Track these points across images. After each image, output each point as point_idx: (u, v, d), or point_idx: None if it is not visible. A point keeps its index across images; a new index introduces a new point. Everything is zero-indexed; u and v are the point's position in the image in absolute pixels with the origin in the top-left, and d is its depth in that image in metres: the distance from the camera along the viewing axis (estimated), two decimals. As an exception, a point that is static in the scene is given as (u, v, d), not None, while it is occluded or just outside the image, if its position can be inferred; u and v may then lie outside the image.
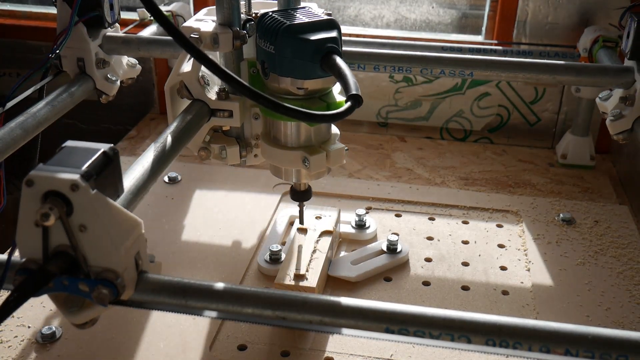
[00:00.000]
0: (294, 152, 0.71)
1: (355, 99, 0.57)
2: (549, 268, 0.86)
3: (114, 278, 0.47)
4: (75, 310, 0.49)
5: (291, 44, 0.64)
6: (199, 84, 0.73)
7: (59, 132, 0.98)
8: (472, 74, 0.85)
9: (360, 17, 1.27)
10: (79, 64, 0.89)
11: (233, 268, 0.85)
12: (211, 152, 0.77)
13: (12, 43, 1.29)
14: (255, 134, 0.79)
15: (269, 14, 0.67)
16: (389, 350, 0.72)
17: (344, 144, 0.73)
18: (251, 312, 0.49)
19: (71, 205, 0.45)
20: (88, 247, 0.47)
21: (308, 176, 0.74)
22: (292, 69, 0.65)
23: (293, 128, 0.71)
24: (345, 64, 0.62)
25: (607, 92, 0.88)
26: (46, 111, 0.80)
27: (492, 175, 1.12)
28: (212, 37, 0.70)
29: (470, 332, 0.47)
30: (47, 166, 0.46)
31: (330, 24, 0.66)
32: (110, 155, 0.48)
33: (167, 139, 0.65)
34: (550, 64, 0.85)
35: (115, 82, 0.92)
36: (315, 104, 0.68)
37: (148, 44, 0.93)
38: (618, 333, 0.46)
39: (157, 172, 0.61)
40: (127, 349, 0.72)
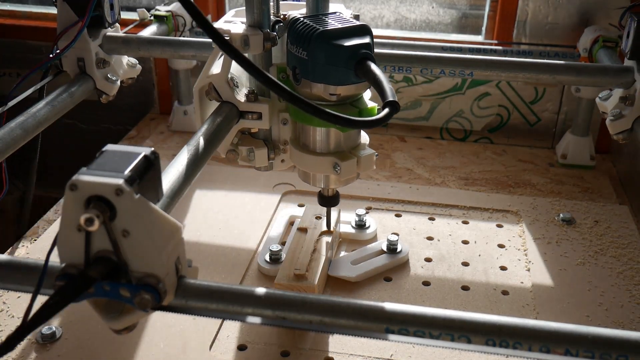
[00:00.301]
0: (325, 157, 0.71)
1: (392, 106, 0.57)
2: (549, 268, 0.86)
3: (156, 283, 0.47)
4: (115, 315, 0.49)
5: (325, 50, 0.63)
6: (228, 86, 0.73)
7: (59, 132, 0.98)
8: (472, 74, 0.85)
9: (360, 17, 1.27)
10: (79, 64, 0.89)
11: (233, 268, 0.85)
12: (239, 154, 0.77)
13: (12, 43, 1.29)
14: (283, 139, 0.78)
15: (300, 19, 0.67)
16: (389, 350, 0.72)
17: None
18: (251, 312, 0.49)
19: (115, 210, 0.45)
20: (130, 252, 0.46)
21: (337, 182, 0.74)
22: (326, 75, 0.65)
23: (323, 134, 0.71)
24: (380, 70, 0.61)
25: (607, 92, 0.88)
26: (46, 111, 0.80)
27: (492, 175, 1.12)
28: (242, 38, 0.70)
29: (470, 332, 0.47)
30: (89, 170, 0.45)
31: (363, 30, 0.65)
32: (151, 159, 0.47)
33: (200, 141, 0.65)
34: (550, 63, 0.85)
35: (115, 82, 0.92)
36: (347, 110, 0.68)
37: (148, 43, 0.93)
38: (618, 333, 0.46)
39: (191, 175, 0.61)
40: (127, 349, 0.72)
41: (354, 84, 0.65)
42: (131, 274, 0.47)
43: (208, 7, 1.24)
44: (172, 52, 0.93)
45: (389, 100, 0.57)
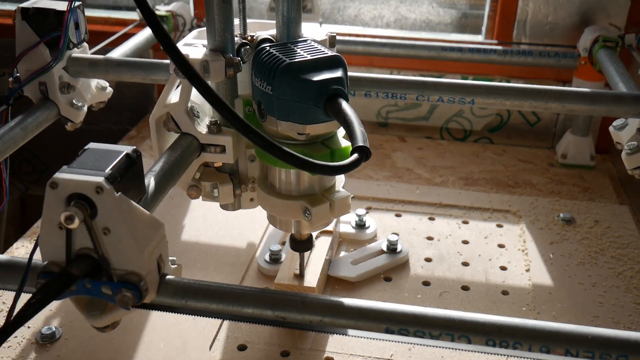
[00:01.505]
0: (294, 201, 0.64)
1: (362, 151, 0.51)
2: (549, 268, 0.86)
3: (137, 281, 0.47)
4: (97, 313, 0.49)
5: (291, 85, 0.57)
6: (187, 117, 0.65)
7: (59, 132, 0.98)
8: (473, 102, 0.79)
9: (360, 17, 1.27)
10: (40, 88, 0.80)
11: (233, 268, 0.85)
12: (202, 190, 0.69)
13: (12, 43, 1.29)
14: (252, 177, 0.70)
15: (265, 49, 0.60)
16: (389, 350, 0.72)
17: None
18: (251, 312, 0.49)
19: (95, 208, 0.45)
20: (111, 250, 0.47)
21: (310, 227, 0.68)
22: (292, 113, 0.58)
23: (293, 175, 0.64)
24: (351, 109, 0.55)
25: (622, 121, 0.80)
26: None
27: (492, 175, 1.12)
28: (202, 64, 0.62)
29: (470, 332, 0.47)
30: (71, 168, 0.45)
31: (335, 62, 0.58)
32: (133, 158, 0.48)
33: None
34: (560, 91, 0.78)
35: (81, 107, 0.83)
36: (318, 151, 0.61)
37: (117, 66, 0.84)
38: (618, 333, 0.46)
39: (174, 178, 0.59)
40: (127, 349, 0.72)
41: (324, 122, 0.58)
42: (113, 271, 0.47)
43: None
44: (143, 75, 0.84)
45: (359, 145, 0.51)
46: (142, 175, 0.49)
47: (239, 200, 0.72)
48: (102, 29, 1.24)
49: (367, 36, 1.20)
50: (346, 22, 1.27)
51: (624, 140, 0.78)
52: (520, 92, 0.78)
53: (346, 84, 0.58)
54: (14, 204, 1.35)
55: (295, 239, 0.70)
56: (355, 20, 1.27)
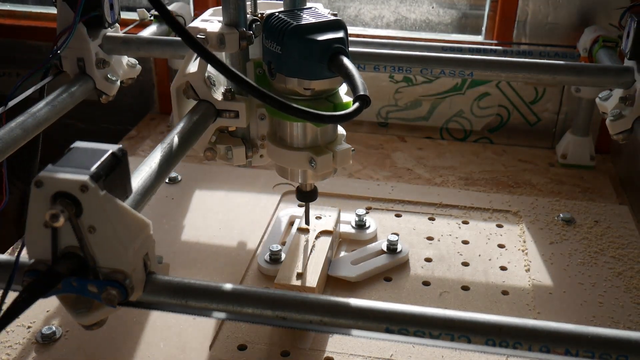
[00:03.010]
0: (301, 152, 0.71)
1: (363, 100, 0.57)
2: (549, 268, 0.86)
3: (123, 279, 0.47)
4: (83, 311, 0.49)
5: (298, 44, 0.64)
6: (205, 85, 0.73)
7: (59, 132, 0.98)
8: (472, 74, 0.85)
9: (360, 17, 1.27)
10: (79, 64, 0.89)
11: (233, 268, 0.85)
12: (217, 152, 0.77)
13: (12, 43, 1.29)
14: (261, 135, 0.78)
15: (275, 14, 0.67)
16: (389, 350, 0.72)
17: None
18: (251, 312, 0.49)
19: (80, 206, 0.45)
20: (97, 248, 0.47)
21: (314, 177, 0.74)
22: (299, 70, 0.65)
23: (299, 129, 0.71)
24: (352, 65, 0.62)
25: (607, 92, 0.88)
26: (46, 111, 0.80)
27: (492, 175, 1.12)
28: (218, 37, 0.70)
29: (470, 332, 0.47)
30: (56, 167, 0.46)
31: (337, 24, 0.66)
32: (119, 156, 0.48)
33: (174, 139, 0.65)
34: (550, 64, 0.85)
35: (115, 82, 0.92)
36: (322, 105, 0.68)
37: (148, 44, 0.93)
38: (618, 333, 0.46)
39: (164, 173, 0.61)
40: (127, 349, 0.72)
41: (328, 79, 0.65)
42: (98, 269, 0.47)
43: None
44: (172, 52, 0.93)
45: (360, 94, 0.57)
46: (127, 174, 0.50)
47: (250, 161, 0.79)
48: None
49: (367, 36, 1.20)
50: (346, 22, 1.27)
51: (609, 109, 0.85)
52: (514, 65, 0.85)
53: (347, 44, 0.66)
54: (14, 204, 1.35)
55: (301, 190, 0.77)
56: (355, 20, 1.27)
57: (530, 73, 0.84)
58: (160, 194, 1.01)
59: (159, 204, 0.98)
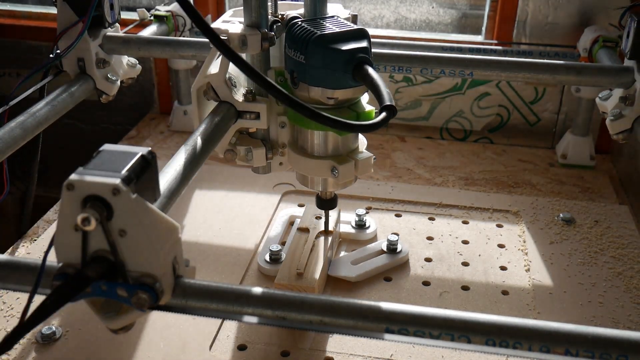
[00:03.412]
0: (323, 161, 0.71)
1: (390, 110, 0.57)
2: (549, 268, 0.86)
3: (153, 283, 0.47)
4: (112, 315, 0.49)
5: (322, 54, 0.64)
6: (226, 86, 0.73)
7: (59, 132, 0.98)
8: (472, 74, 0.85)
9: (360, 17, 1.27)
10: (79, 63, 0.89)
11: (233, 268, 0.85)
12: (237, 154, 0.77)
13: (12, 43, 1.29)
14: (282, 142, 0.78)
15: (298, 23, 0.67)
16: (389, 350, 0.72)
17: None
18: (251, 312, 0.49)
19: (111, 210, 0.45)
20: (127, 251, 0.46)
21: (335, 185, 0.75)
22: (323, 79, 0.65)
23: (321, 137, 0.71)
24: (377, 74, 0.62)
25: (607, 92, 0.88)
26: (46, 111, 0.80)
27: (492, 175, 1.12)
28: (240, 38, 0.70)
29: (470, 332, 0.47)
30: (86, 170, 0.45)
31: (360, 34, 0.65)
32: (148, 159, 0.47)
33: (197, 141, 0.65)
34: (550, 63, 0.85)
35: (115, 82, 0.92)
36: (345, 113, 0.68)
37: (148, 44, 0.93)
38: (618, 333, 0.46)
39: (189, 174, 0.61)
40: (127, 349, 0.72)
41: (352, 88, 0.65)
42: (128, 273, 0.47)
43: (208, 7, 1.24)
44: (172, 52, 0.93)
45: (386, 104, 0.57)
46: (156, 176, 0.49)
47: (269, 164, 0.79)
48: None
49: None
50: (346, 22, 1.27)
51: (609, 108, 0.85)
52: (514, 65, 0.85)
53: (370, 53, 0.65)
54: (14, 203, 1.35)
55: (321, 197, 0.77)
56: (355, 20, 1.27)
57: (530, 73, 0.84)
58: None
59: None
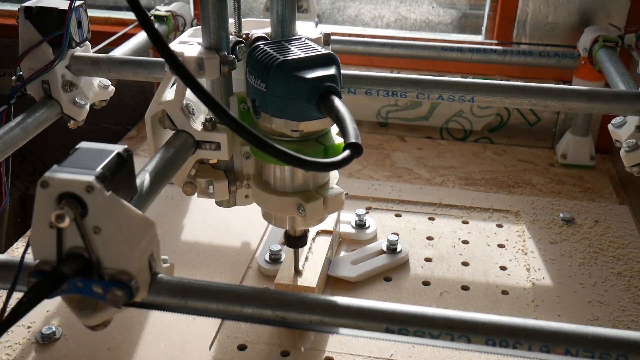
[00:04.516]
0: (288, 198, 0.65)
1: (354, 148, 0.50)
2: (549, 268, 0.86)
3: (128, 280, 0.47)
4: (88, 312, 0.49)
5: (285, 82, 0.57)
6: (182, 114, 0.66)
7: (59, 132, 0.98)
8: (472, 100, 0.80)
9: (360, 17, 1.27)
10: (44, 86, 0.81)
11: (233, 268, 0.85)
12: (197, 186, 0.70)
13: (12, 43, 1.29)
14: (247, 174, 0.71)
15: (260, 46, 0.61)
16: (389, 350, 0.72)
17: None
18: (251, 312, 0.49)
19: (86, 207, 0.45)
20: (102, 248, 0.47)
21: (304, 224, 0.69)
22: (286, 110, 0.58)
23: (287, 172, 0.65)
24: (344, 107, 0.55)
25: (621, 119, 0.80)
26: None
27: (492, 175, 1.12)
28: (196, 62, 0.63)
29: (470, 332, 0.47)
30: (61, 167, 0.45)
31: (328, 59, 0.59)
32: (124, 157, 0.48)
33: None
34: (559, 89, 0.79)
35: (84, 106, 0.84)
36: (311, 147, 0.62)
37: (120, 64, 0.85)
38: (618, 333, 0.46)
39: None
40: (127, 349, 0.72)
41: (318, 119, 0.59)
42: (104, 270, 0.47)
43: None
44: (145, 74, 0.85)
45: (351, 142, 0.51)
46: (133, 174, 0.50)
47: (234, 196, 0.72)
48: (103, 29, 1.24)
49: (367, 36, 1.20)
50: (346, 22, 1.27)
51: (623, 138, 0.78)
52: (519, 90, 0.79)
53: (339, 82, 0.59)
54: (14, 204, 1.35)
55: (289, 235, 0.71)
56: (355, 20, 1.27)
57: (536, 99, 0.78)
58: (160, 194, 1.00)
59: (159, 204, 0.98)
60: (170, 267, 0.53)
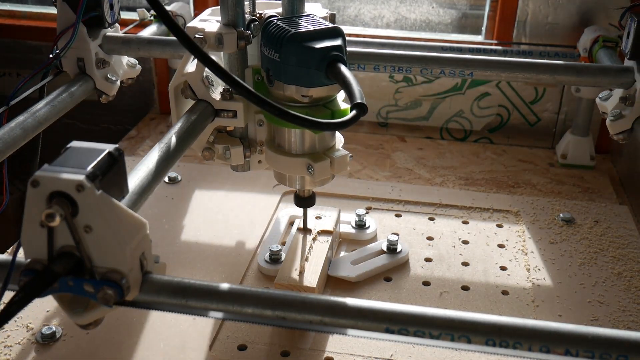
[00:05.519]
0: (298, 159, 0.72)
1: (360, 108, 0.57)
2: (549, 268, 0.86)
3: (119, 279, 0.47)
4: (80, 311, 0.49)
5: (296, 52, 0.64)
6: (203, 85, 0.73)
7: (59, 132, 0.98)
8: (472, 74, 0.85)
9: (360, 17, 1.27)
10: (79, 64, 0.89)
11: (233, 268, 0.85)
12: (215, 152, 0.77)
13: (12, 43, 1.29)
14: (260, 141, 0.79)
15: (273, 21, 0.67)
16: (389, 350, 0.72)
17: (346, 146, 0.73)
18: (251, 312, 0.49)
19: (76, 206, 0.45)
20: (93, 247, 0.47)
21: (312, 183, 0.75)
22: (297, 77, 0.65)
23: (297, 135, 0.71)
24: (350, 73, 0.62)
25: (607, 92, 0.88)
26: (46, 111, 0.80)
27: (492, 175, 1.12)
28: (216, 37, 0.70)
29: (470, 332, 0.47)
30: (52, 167, 0.46)
31: (335, 32, 0.66)
32: (115, 156, 0.48)
33: (172, 139, 0.65)
34: (550, 64, 0.85)
35: (115, 82, 0.92)
36: (320, 112, 0.68)
37: (148, 44, 0.93)
38: (618, 333, 0.46)
39: (161, 172, 0.61)
40: (127, 349, 0.72)
41: (326, 86, 0.66)
42: (95, 269, 0.47)
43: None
44: (171, 52, 0.93)
45: (357, 102, 0.58)
46: (124, 173, 0.50)
47: (248, 162, 0.80)
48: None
49: (367, 36, 1.20)
50: (346, 22, 1.27)
51: (609, 109, 0.85)
52: (514, 65, 0.85)
53: (345, 52, 0.66)
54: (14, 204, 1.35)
55: (299, 196, 0.78)
56: (355, 20, 1.27)
57: (530, 73, 0.84)
58: (160, 194, 1.01)
59: (159, 204, 0.98)
60: (162, 266, 0.53)
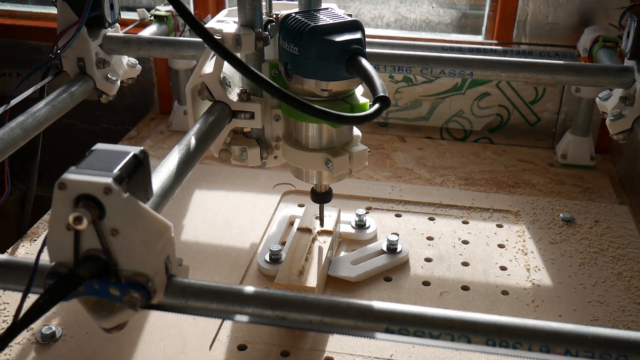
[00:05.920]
0: (317, 154, 0.71)
1: (383, 101, 0.57)
2: (549, 268, 0.86)
3: (145, 282, 0.47)
4: (105, 314, 0.49)
5: (316, 45, 0.64)
6: (220, 86, 0.73)
7: (59, 132, 0.98)
8: (472, 74, 0.85)
9: (360, 17, 1.27)
10: (79, 64, 0.90)
11: (233, 268, 0.85)
12: (232, 153, 0.77)
13: (12, 43, 1.29)
14: (276, 136, 0.79)
15: (292, 15, 0.67)
16: (389, 350, 0.72)
17: None
18: (251, 312, 0.49)
19: (103, 209, 0.45)
20: (119, 250, 0.46)
21: (330, 178, 0.75)
22: (317, 71, 0.65)
23: (315, 130, 0.71)
24: (371, 66, 0.62)
25: (607, 92, 0.88)
26: (46, 111, 0.80)
27: (492, 175, 1.12)
28: (234, 38, 0.70)
29: (470, 332, 0.47)
30: (78, 169, 0.45)
31: (354, 25, 0.65)
32: (140, 158, 0.47)
33: (191, 140, 0.65)
34: (550, 63, 0.85)
35: (115, 82, 0.92)
36: (339, 106, 0.68)
37: (148, 44, 0.93)
38: (618, 333, 0.46)
39: (182, 174, 0.61)
40: (127, 349, 0.72)
41: (346, 80, 0.65)
42: (120, 272, 0.47)
43: (208, 7, 1.24)
44: (172, 52, 0.93)
45: (380, 95, 0.57)
46: (149, 176, 0.49)
47: (264, 162, 0.80)
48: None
49: (367, 36, 1.20)
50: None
51: (609, 109, 0.85)
52: (514, 65, 0.85)
53: (364, 45, 0.65)
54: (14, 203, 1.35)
55: (316, 191, 0.77)
56: (355, 20, 1.27)
57: (530, 73, 0.84)
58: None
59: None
60: (185, 269, 0.52)
